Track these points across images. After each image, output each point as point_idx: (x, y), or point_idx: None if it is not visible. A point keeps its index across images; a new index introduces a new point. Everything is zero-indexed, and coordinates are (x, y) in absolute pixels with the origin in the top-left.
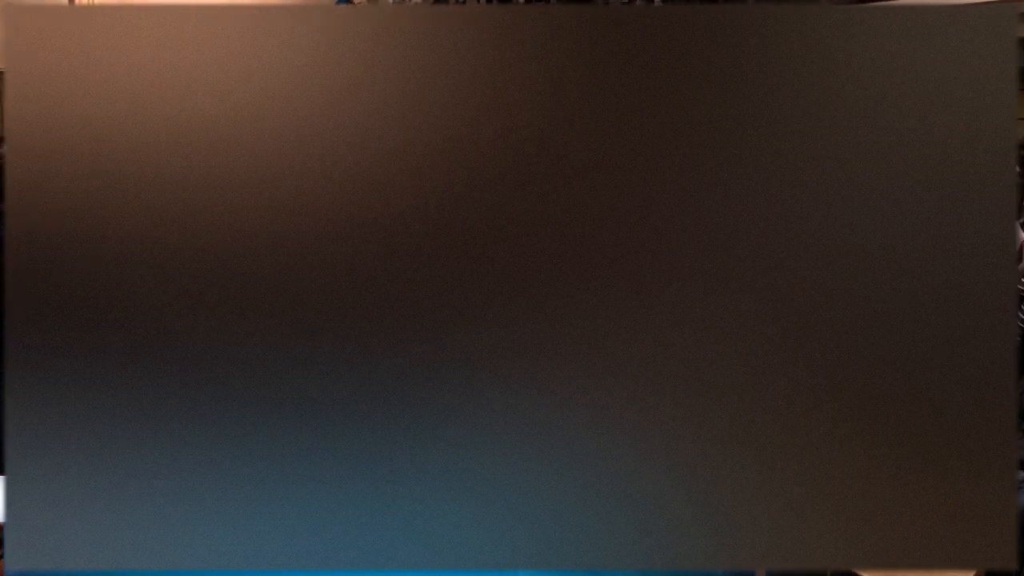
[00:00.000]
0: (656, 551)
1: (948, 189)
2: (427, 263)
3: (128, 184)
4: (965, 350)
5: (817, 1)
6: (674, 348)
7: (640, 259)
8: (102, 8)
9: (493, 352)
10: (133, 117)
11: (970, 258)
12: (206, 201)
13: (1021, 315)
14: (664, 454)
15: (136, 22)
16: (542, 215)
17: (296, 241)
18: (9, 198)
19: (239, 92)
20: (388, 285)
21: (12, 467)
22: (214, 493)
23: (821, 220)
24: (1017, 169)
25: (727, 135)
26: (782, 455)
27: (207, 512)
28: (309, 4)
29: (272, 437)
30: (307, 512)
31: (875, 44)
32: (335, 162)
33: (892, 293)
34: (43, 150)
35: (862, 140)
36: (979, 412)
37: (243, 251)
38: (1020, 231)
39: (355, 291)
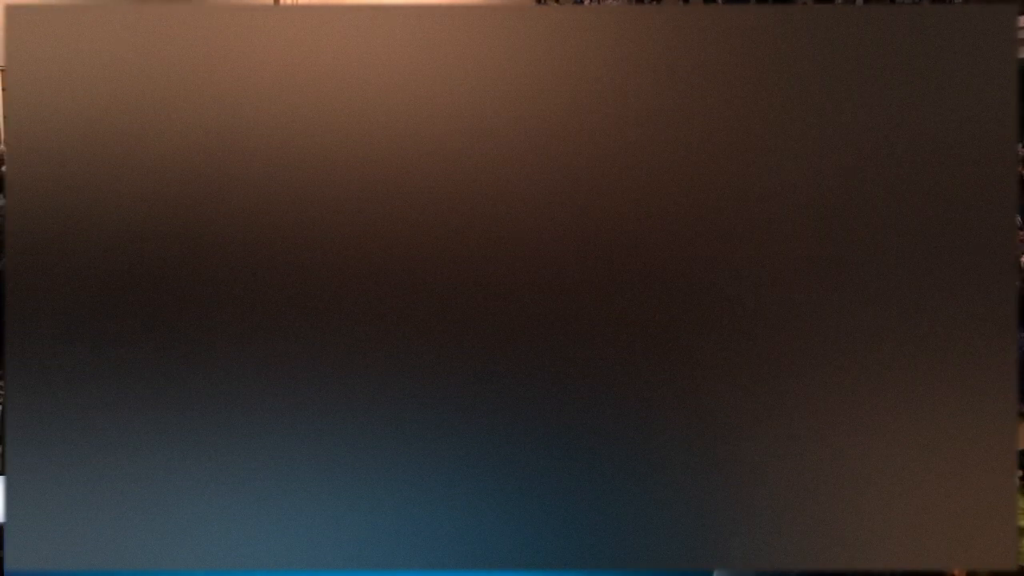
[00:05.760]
0: (653, 551)
1: (948, 188)
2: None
3: (127, 182)
4: (965, 349)
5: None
6: (676, 348)
7: (652, 251)
8: (102, 7)
9: (498, 352)
10: (132, 116)
11: (971, 258)
12: (205, 200)
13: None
14: (662, 453)
15: (136, 21)
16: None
17: (299, 246)
18: (9, 198)
19: (239, 90)
20: (404, 286)
21: (12, 467)
22: (215, 494)
23: (821, 222)
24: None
25: (729, 134)
26: (780, 457)
27: (207, 513)
28: (344, 5)
29: (275, 438)
30: (307, 513)
31: (875, 44)
32: (333, 162)
33: (892, 293)
34: (43, 149)
35: (861, 140)
36: (979, 413)
37: (242, 254)
38: None
39: (370, 292)
